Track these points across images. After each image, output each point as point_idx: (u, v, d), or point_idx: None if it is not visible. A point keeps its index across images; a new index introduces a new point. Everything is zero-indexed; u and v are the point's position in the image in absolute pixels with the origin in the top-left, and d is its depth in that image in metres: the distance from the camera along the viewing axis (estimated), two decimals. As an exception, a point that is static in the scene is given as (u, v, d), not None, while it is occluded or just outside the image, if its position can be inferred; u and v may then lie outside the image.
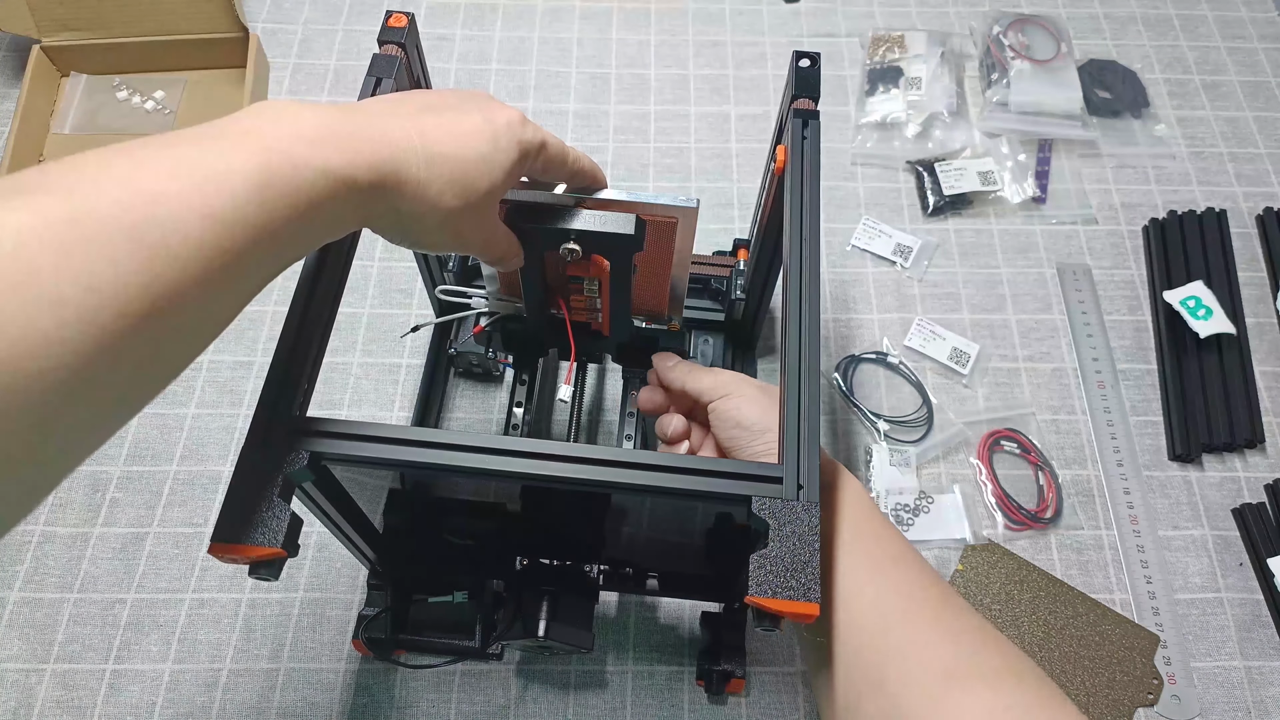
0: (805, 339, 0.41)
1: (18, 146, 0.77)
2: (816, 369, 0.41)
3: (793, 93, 0.50)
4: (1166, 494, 0.69)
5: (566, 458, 0.38)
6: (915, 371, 0.73)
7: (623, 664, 0.61)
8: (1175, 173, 0.85)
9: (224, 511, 0.35)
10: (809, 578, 0.36)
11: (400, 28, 0.50)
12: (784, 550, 0.36)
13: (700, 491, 0.38)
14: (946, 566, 0.65)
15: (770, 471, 0.38)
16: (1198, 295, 0.73)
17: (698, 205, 0.47)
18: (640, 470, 0.38)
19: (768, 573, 0.36)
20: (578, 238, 0.46)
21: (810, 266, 0.43)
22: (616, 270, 0.49)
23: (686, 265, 0.52)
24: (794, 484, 0.38)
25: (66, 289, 0.24)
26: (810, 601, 0.35)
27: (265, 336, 0.73)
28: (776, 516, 0.37)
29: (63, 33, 0.82)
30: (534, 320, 0.56)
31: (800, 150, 0.48)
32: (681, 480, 0.38)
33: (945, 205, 0.81)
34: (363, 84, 0.48)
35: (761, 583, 0.36)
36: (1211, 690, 0.62)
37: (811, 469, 0.38)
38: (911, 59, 0.88)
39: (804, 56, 0.51)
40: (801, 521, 0.37)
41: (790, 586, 0.36)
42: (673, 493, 0.38)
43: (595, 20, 0.93)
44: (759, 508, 0.37)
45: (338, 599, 0.63)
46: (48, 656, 0.60)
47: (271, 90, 0.86)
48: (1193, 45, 0.93)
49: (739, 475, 0.38)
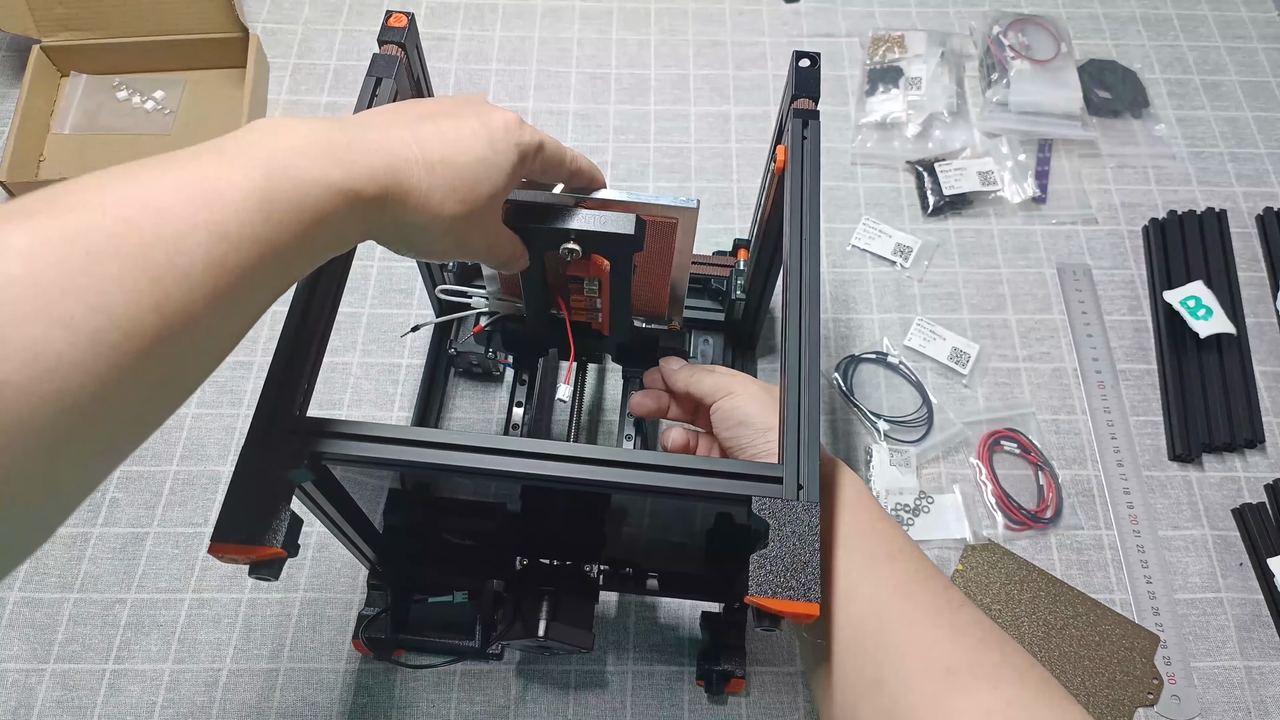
0: (805, 338, 0.41)
1: (18, 146, 0.77)
2: (817, 369, 0.41)
3: (793, 92, 0.50)
4: (1166, 494, 0.69)
5: (567, 457, 0.38)
6: (915, 371, 0.73)
7: (622, 664, 0.61)
8: (1175, 173, 0.85)
9: (224, 512, 0.35)
10: (809, 578, 0.36)
11: (400, 28, 0.50)
12: (784, 550, 0.36)
13: (700, 492, 0.38)
14: (946, 567, 0.65)
15: (770, 471, 0.38)
16: (1198, 295, 0.73)
17: (698, 205, 0.48)
18: (641, 470, 0.38)
19: (768, 573, 0.36)
20: (578, 238, 0.46)
21: (810, 266, 0.43)
22: (617, 270, 0.49)
23: (687, 266, 0.52)
24: (794, 484, 0.38)
25: (76, 310, 0.24)
26: (810, 601, 0.35)
27: (265, 336, 0.73)
28: (777, 516, 0.37)
29: (63, 33, 0.82)
30: (534, 320, 0.56)
31: (800, 150, 0.48)
32: (681, 480, 0.38)
33: (945, 205, 0.81)
34: (363, 84, 0.48)
35: (761, 582, 0.36)
36: (1211, 690, 0.62)
37: (812, 469, 0.38)
38: (911, 59, 0.88)
39: (804, 56, 0.51)
40: (801, 521, 0.37)
41: (790, 586, 0.36)
42: (673, 493, 0.38)
43: (595, 20, 0.93)
44: (759, 508, 0.37)
45: (338, 599, 0.63)
46: (48, 656, 0.60)
47: (271, 90, 0.86)
48: (1193, 45, 0.93)
49: (739, 475, 0.38)
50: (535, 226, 0.45)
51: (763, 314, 0.68)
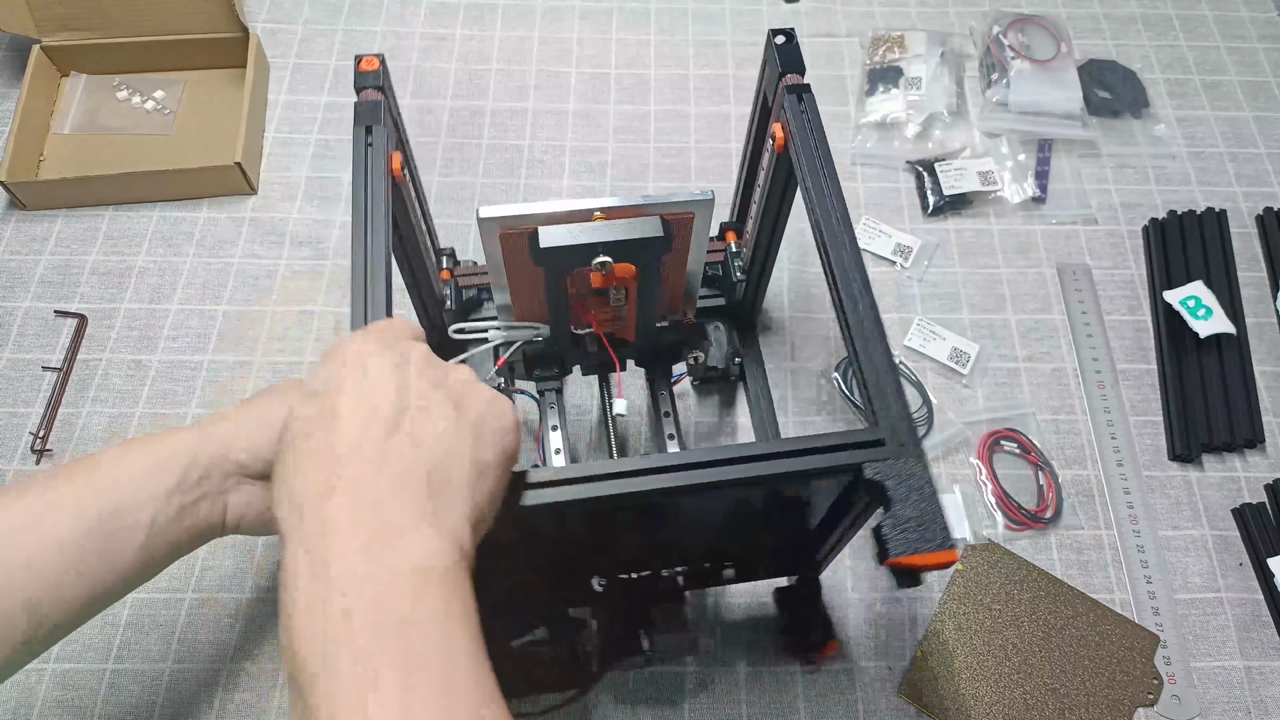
0: (863, 299, 0.43)
1: (18, 146, 0.77)
2: (880, 326, 0.42)
3: (779, 70, 0.50)
4: (1166, 494, 0.69)
5: (690, 465, 0.38)
6: (915, 371, 0.73)
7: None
8: (1175, 173, 0.85)
9: None
10: (940, 525, 0.37)
11: (375, 71, 0.49)
12: (907, 507, 0.38)
13: (813, 470, 0.39)
14: (947, 568, 0.65)
15: (870, 436, 0.39)
16: (1198, 295, 0.73)
17: (713, 198, 0.48)
18: (757, 462, 0.39)
19: (900, 531, 0.37)
20: (608, 249, 0.46)
21: (848, 230, 0.45)
22: (645, 274, 0.49)
23: (702, 258, 0.53)
24: (896, 442, 0.39)
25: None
26: (949, 549, 0.36)
27: (265, 336, 0.73)
28: (891, 477, 0.38)
29: (63, 32, 0.82)
30: (559, 341, 0.55)
31: (804, 124, 0.49)
32: (792, 464, 0.39)
33: (945, 205, 0.81)
34: (354, 134, 0.47)
35: (897, 543, 0.37)
36: (1211, 690, 0.62)
37: (905, 424, 0.39)
38: (911, 59, 0.88)
39: (779, 34, 0.51)
40: (915, 475, 0.38)
41: (926, 539, 0.37)
42: (789, 477, 0.39)
43: (595, 20, 0.93)
44: (873, 473, 0.38)
45: (338, 599, 0.62)
46: (48, 656, 0.60)
47: (271, 90, 0.86)
48: (1193, 45, 0.93)
49: (843, 447, 0.39)
50: (566, 246, 0.45)
51: (762, 294, 0.68)
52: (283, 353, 0.72)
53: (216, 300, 0.74)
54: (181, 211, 0.79)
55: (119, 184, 0.77)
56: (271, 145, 0.83)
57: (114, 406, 0.69)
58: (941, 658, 0.62)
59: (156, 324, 0.73)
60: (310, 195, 0.80)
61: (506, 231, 0.48)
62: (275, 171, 0.81)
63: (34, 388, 0.70)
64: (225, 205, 0.79)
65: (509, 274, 0.51)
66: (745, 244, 0.65)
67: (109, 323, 0.73)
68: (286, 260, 0.77)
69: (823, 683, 0.61)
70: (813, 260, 0.78)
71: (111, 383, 0.70)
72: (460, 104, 0.86)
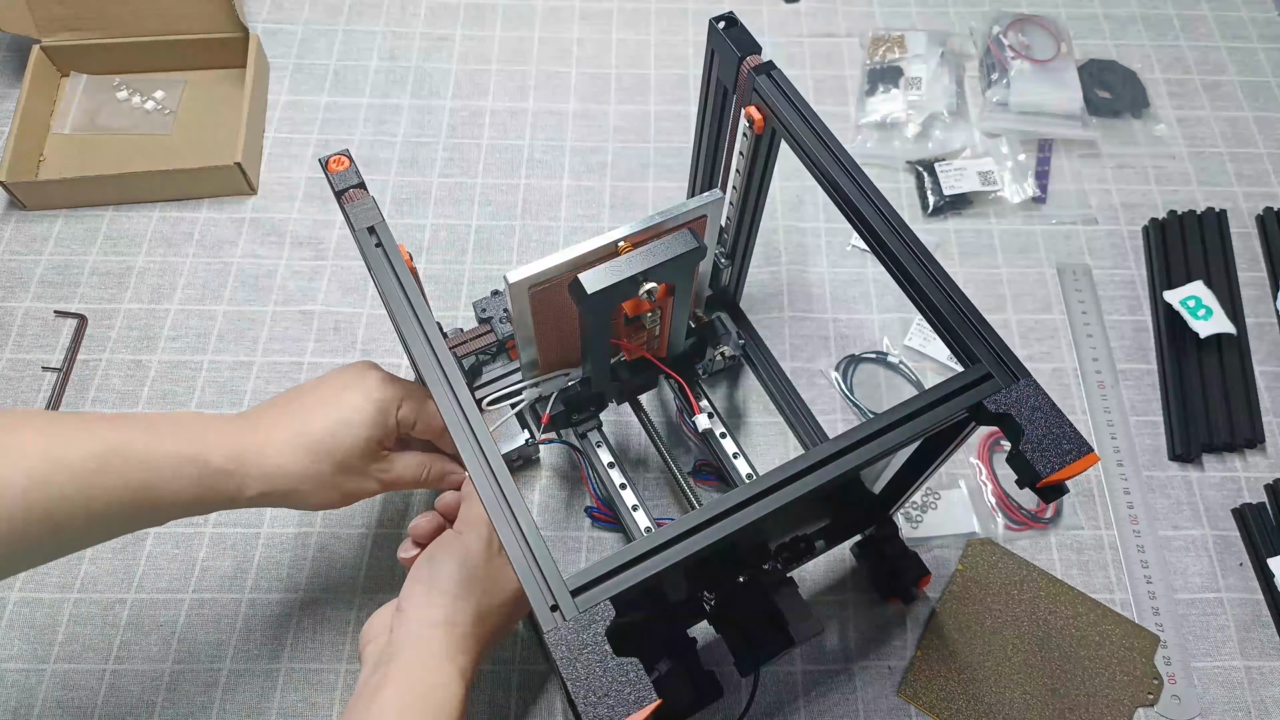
0: (915, 245, 0.45)
1: (18, 146, 0.77)
2: (940, 268, 0.44)
3: (738, 55, 0.51)
4: (1166, 494, 0.69)
5: (798, 474, 0.39)
6: (915, 371, 0.73)
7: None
8: (1175, 173, 0.85)
9: (585, 706, 0.34)
10: (1073, 437, 0.40)
11: (348, 169, 0.47)
12: (1036, 427, 0.40)
13: (935, 427, 0.40)
14: (949, 565, 0.65)
15: (977, 374, 0.41)
16: (1198, 295, 0.73)
17: (722, 196, 0.48)
18: (873, 440, 0.40)
19: (1041, 451, 0.39)
20: (650, 275, 0.45)
21: (869, 185, 0.48)
22: (679, 289, 0.49)
23: (712, 257, 0.53)
24: (1004, 371, 0.41)
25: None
26: (1088, 454, 0.39)
27: (265, 336, 0.73)
28: (1013, 405, 0.40)
29: (63, 33, 0.82)
30: (599, 380, 0.55)
31: (787, 101, 0.49)
32: (912, 428, 0.40)
33: (945, 205, 0.81)
34: (360, 241, 0.45)
35: (1041, 462, 0.39)
36: (1211, 690, 0.62)
37: (1005, 352, 0.42)
38: (911, 59, 0.88)
39: (721, 19, 0.52)
40: (1032, 395, 0.41)
41: (1065, 451, 0.39)
42: (906, 441, 0.40)
43: (595, 20, 0.93)
44: (996, 407, 0.40)
45: (338, 599, 0.63)
46: (48, 656, 0.60)
47: (271, 90, 0.86)
48: (1193, 45, 0.93)
49: (953, 394, 0.41)
50: (613, 285, 0.44)
51: (744, 273, 0.69)
52: (283, 353, 0.72)
53: (216, 300, 0.75)
54: (181, 211, 0.79)
55: (119, 184, 0.77)
56: (271, 145, 0.83)
57: (114, 407, 0.69)
58: (941, 658, 0.62)
59: (156, 324, 0.73)
60: (310, 195, 0.80)
61: (537, 289, 0.47)
62: (275, 171, 0.81)
63: (34, 388, 0.70)
64: (225, 205, 0.79)
65: (536, 328, 0.51)
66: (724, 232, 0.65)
67: (109, 323, 0.73)
68: (286, 260, 0.77)
69: (823, 682, 0.61)
70: (813, 260, 0.78)
71: (111, 383, 0.70)
72: (460, 104, 0.86)
